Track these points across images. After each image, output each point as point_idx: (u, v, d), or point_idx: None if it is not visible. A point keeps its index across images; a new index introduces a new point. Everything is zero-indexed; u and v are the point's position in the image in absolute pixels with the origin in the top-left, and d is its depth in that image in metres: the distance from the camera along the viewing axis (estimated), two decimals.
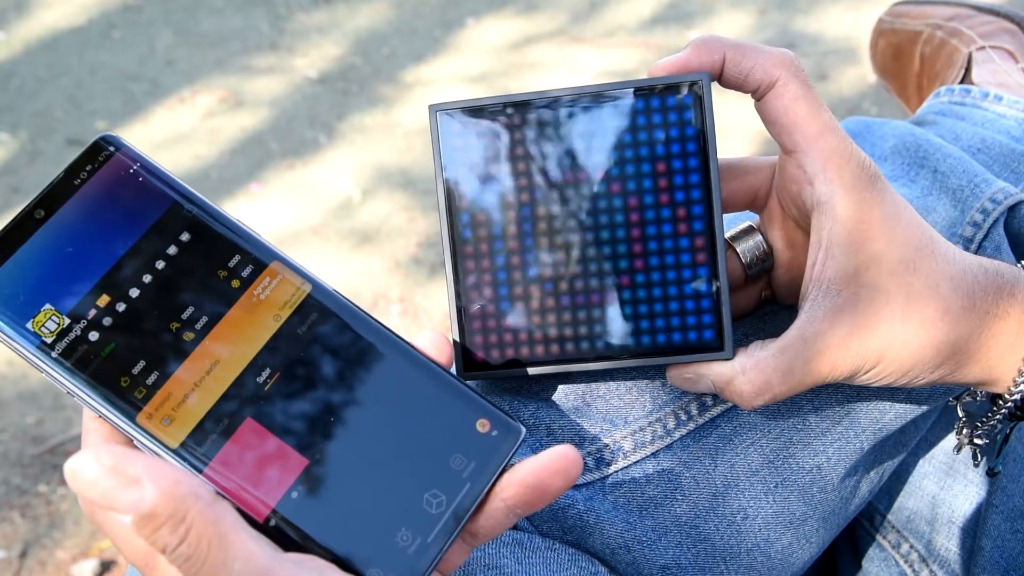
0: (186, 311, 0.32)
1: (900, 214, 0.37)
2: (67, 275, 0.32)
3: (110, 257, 0.32)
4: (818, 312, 0.37)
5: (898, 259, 0.36)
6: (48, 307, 0.31)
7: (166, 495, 0.26)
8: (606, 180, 0.39)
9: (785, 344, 0.37)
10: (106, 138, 0.34)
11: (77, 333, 0.31)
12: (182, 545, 0.26)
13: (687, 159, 0.38)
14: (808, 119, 0.37)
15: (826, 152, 0.37)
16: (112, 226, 0.33)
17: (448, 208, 0.39)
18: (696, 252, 0.39)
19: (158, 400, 0.31)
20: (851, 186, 0.36)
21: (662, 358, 0.39)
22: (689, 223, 0.38)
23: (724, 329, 0.38)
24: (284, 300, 0.33)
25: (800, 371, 0.37)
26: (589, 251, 0.39)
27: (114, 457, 0.26)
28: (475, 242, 0.39)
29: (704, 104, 0.38)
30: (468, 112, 0.39)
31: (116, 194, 0.33)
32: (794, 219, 0.40)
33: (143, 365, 0.31)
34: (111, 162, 0.33)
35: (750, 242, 0.42)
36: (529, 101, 0.38)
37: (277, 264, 0.34)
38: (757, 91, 0.38)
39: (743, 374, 0.37)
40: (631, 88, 0.38)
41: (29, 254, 0.32)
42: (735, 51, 0.37)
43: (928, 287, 0.36)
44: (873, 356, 0.37)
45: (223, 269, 0.33)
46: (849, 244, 0.36)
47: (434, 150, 0.39)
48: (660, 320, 0.39)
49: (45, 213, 0.32)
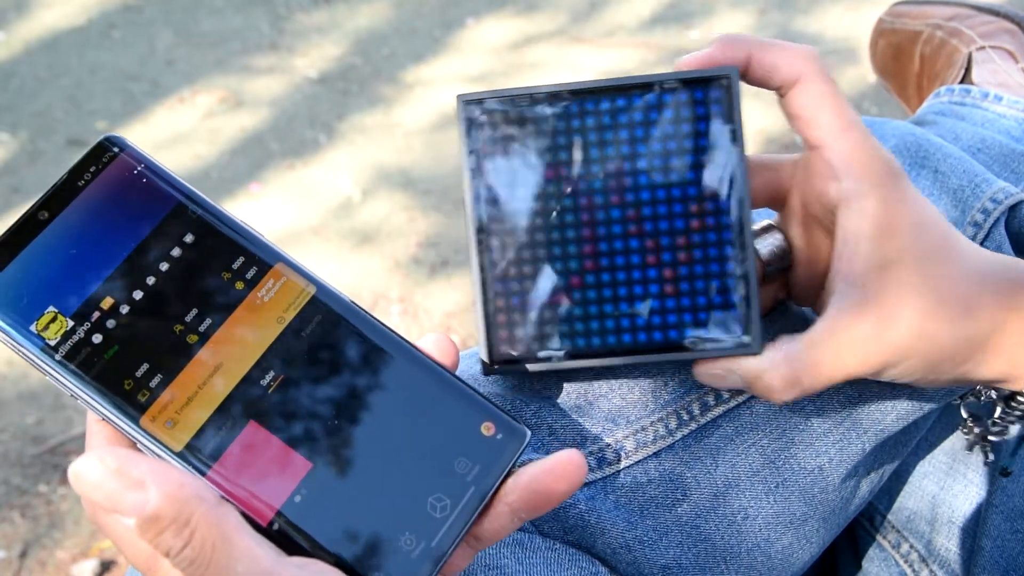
0: (190, 313, 0.32)
1: (924, 210, 0.37)
2: (71, 277, 0.32)
3: (114, 259, 0.32)
4: (845, 305, 0.37)
5: (924, 254, 0.36)
6: (52, 309, 0.31)
7: (170, 498, 0.26)
8: (633, 173, 0.39)
9: (814, 337, 0.37)
10: (110, 139, 0.34)
11: (81, 336, 0.31)
12: (186, 548, 0.26)
13: (715, 153, 0.38)
14: (833, 115, 0.37)
15: (852, 147, 0.37)
16: (116, 228, 0.33)
17: (474, 200, 0.39)
18: (724, 246, 0.38)
19: (161, 403, 0.31)
20: (877, 182, 0.36)
21: (691, 353, 0.39)
22: (717, 217, 0.38)
23: (753, 324, 0.38)
24: (288, 302, 0.33)
25: (829, 365, 0.37)
26: (617, 244, 0.39)
27: (118, 459, 0.26)
28: (501, 235, 0.39)
29: (733, 98, 0.38)
30: (495, 102, 0.39)
31: (120, 195, 0.33)
32: (816, 216, 0.40)
33: (147, 368, 0.31)
34: (115, 163, 0.33)
35: (769, 240, 0.42)
36: (557, 92, 0.38)
37: (281, 266, 0.33)
38: (782, 87, 0.38)
39: (772, 369, 0.37)
40: (659, 81, 0.38)
41: (33, 256, 0.32)
42: (760, 48, 0.38)
43: (953, 282, 0.37)
44: (903, 350, 0.37)
45: (227, 271, 0.33)
46: (876, 238, 0.36)
47: (461, 140, 0.39)
48: (688, 315, 0.39)
49: (49, 215, 0.32)
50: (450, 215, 1.40)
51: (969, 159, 0.50)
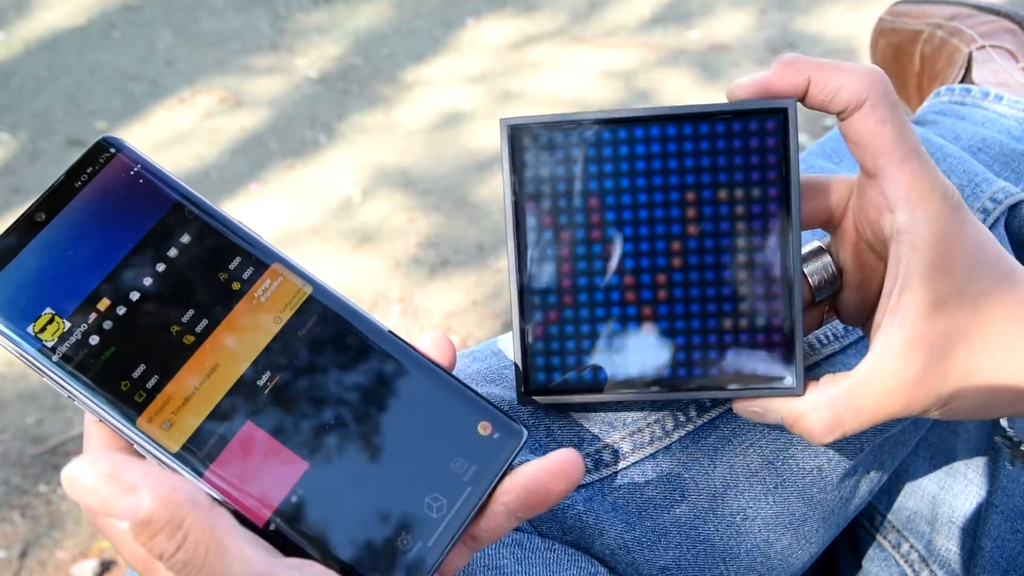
0: (186, 314, 0.32)
1: (982, 245, 0.36)
2: (68, 278, 0.32)
3: (110, 260, 0.32)
4: (891, 346, 0.35)
5: (979, 292, 0.35)
6: (49, 311, 0.31)
7: (163, 501, 0.26)
8: (682, 205, 0.38)
9: (857, 380, 0.36)
10: (107, 139, 0.34)
11: (78, 337, 0.31)
12: (179, 552, 0.26)
13: (767, 187, 0.37)
14: (893, 143, 0.35)
15: (909, 179, 0.35)
16: (113, 228, 0.33)
17: (516, 226, 0.38)
18: (771, 284, 0.38)
19: (158, 404, 0.31)
20: (933, 216, 0.35)
21: (731, 393, 0.38)
22: (766, 254, 0.37)
23: (796, 364, 0.37)
24: (285, 302, 0.33)
25: (871, 408, 0.36)
26: (660, 277, 0.38)
27: (111, 464, 0.26)
28: (541, 264, 0.38)
29: (789, 132, 0.37)
30: (540, 127, 0.38)
31: (117, 196, 0.33)
32: (868, 242, 0.39)
33: (143, 369, 0.31)
34: (112, 164, 0.33)
35: (818, 264, 0.40)
36: (605, 119, 0.37)
37: (278, 266, 0.33)
38: (843, 112, 0.36)
39: (814, 412, 0.36)
40: (715, 111, 0.37)
41: (30, 257, 0.32)
42: (821, 72, 0.36)
43: (1008, 320, 0.35)
44: (948, 394, 0.36)
45: (224, 271, 0.33)
46: (928, 276, 0.35)
47: (504, 166, 0.38)
48: (731, 352, 0.38)
49: (46, 216, 0.32)
50: (450, 215, 1.40)
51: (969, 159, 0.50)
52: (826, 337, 0.44)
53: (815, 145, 0.57)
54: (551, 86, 1.63)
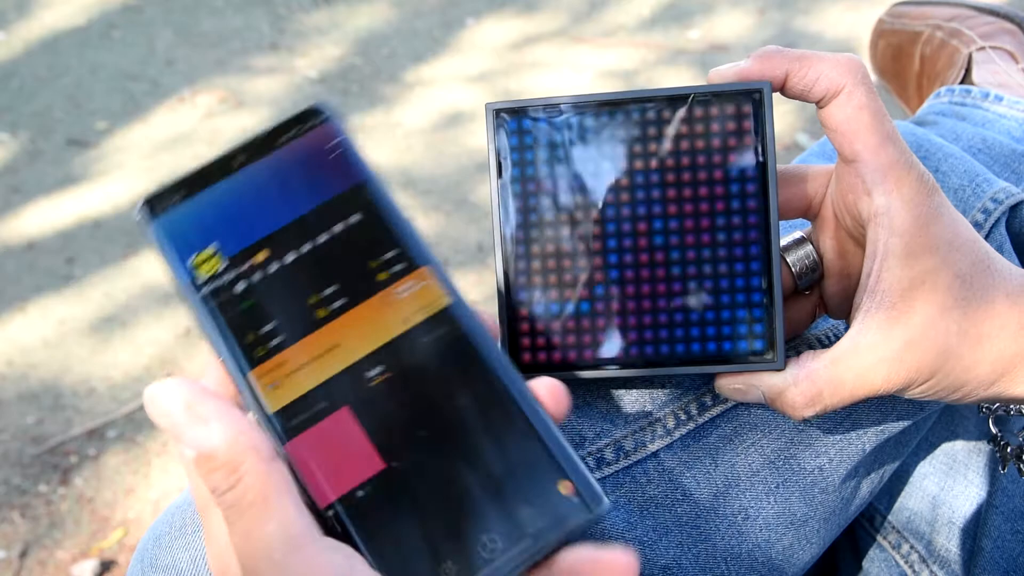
0: (329, 288, 0.33)
1: (957, 229, 0.36)
2: (241, 222, 0.33)
3: (283, 218, 0.33)
4: (871, 323, 0.36)
5: (955, 273, 0.36)
6: (214, 247, 0.33)
7: (228, 441, 0.27)
8: (661, 185, 0.38)
9: (837, 355, 0.36)
10: (319, 106, 0.34)
11: (228, 280, 0.32)
12: (230, 492, 0.27)
13: (744, 167, 0.38)
14: (870, 129, 0.36)
15: (886, 163, 0.36)
16: (295, 190, 0.34)
17: (500, 208, 0.39)
18: (750, 261, 0.38)
19: (273, 364, 0.32)
20: (909, 199, 0.36)
21: (712, 366, 0.39)
22: (745, 232, 0.38)
23: (776, 339, 0.38)
24: (421, 305, 0.33)
25: (852, 383, 0.36)
26: (642, 256, 0.39)
27: (192, 393, 0.28)
28: (526, 243, 0.39)
29: (764, 113, 0.38)
30: (522, 112, 0.39)
31: (309, 162, 0.34)
32: (847, 229, 0.40)
33: (272, 327, 0.32)
34: (316, 130, 0.34)
35: (800, 252, 0.41)
36: (584, 103, 0.38)
37: (428, 269, 0.33)
38: (822, 100, 0.37)
39: (795, 386, 0.37)
40: (690, 93, 0.38)
41: (216, 194, 0.33)
42: (798, 63, 0.37)
43: (985, 302, 0.36)
44: (927, 370, 0.36)
45: (376, 259, 0.33)
46: (905, 256, 0.36)
47: (488, 149, 0.39)
48: (712, 328, 0.39)
49: (243, 161, 0.34)
50: (450, 215, 1.40)
51: (970, 159, 0.50)
52: (826, 337, 0.45)
53: (815, 145, 0.57)
54: (551, 86, 1.63)
